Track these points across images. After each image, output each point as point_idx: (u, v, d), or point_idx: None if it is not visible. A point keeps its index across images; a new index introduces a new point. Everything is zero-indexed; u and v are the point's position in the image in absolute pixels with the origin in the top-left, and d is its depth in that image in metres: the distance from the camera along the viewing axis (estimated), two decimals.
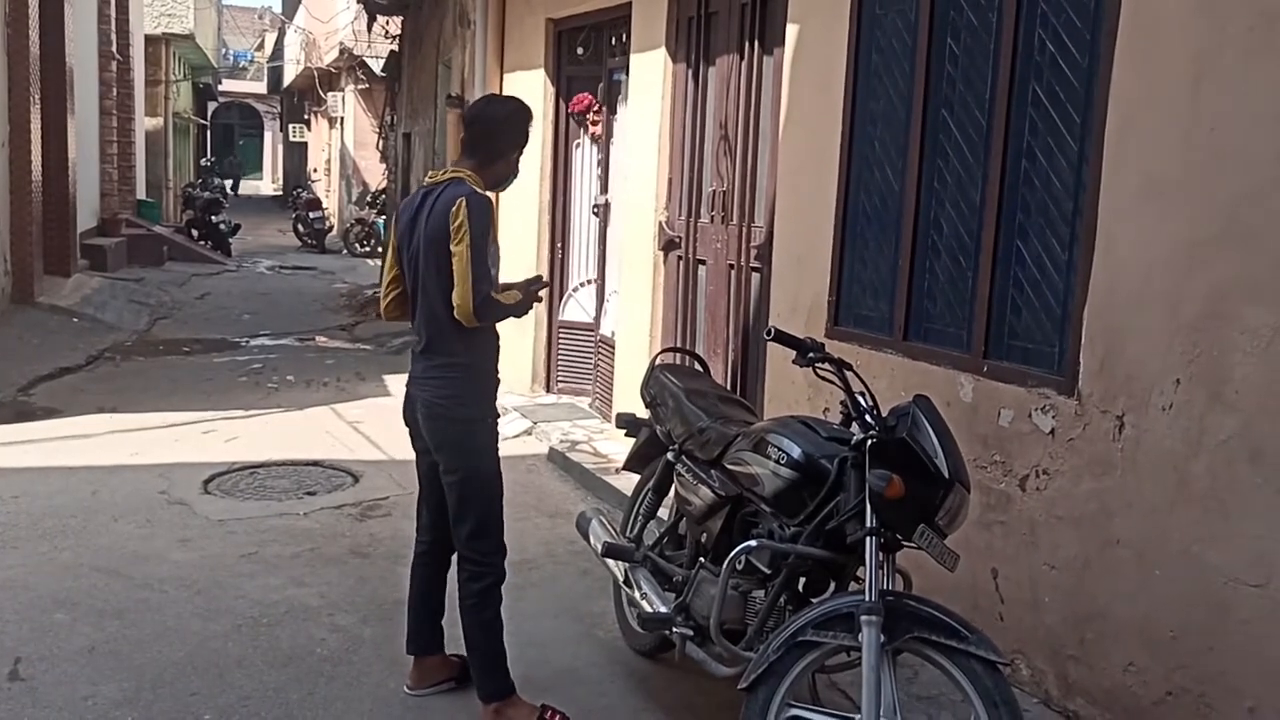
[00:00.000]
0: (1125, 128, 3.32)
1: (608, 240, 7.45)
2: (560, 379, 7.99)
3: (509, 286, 3.59)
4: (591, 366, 7.67)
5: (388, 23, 15.27)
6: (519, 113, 3.56)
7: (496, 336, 3.56)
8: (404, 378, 3.67)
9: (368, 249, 20.26)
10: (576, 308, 7.88)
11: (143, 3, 19.52)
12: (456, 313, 3.30)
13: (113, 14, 15.99)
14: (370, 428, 7.18)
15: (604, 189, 7.47)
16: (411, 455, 3.70)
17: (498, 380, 3.59)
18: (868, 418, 3.00)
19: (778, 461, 3.17)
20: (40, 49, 10.87)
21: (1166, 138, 3.20)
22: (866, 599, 2.78)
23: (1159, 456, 3.24)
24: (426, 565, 3.72)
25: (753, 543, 3.18)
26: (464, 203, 3.28)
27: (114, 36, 16.17)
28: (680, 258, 6.07)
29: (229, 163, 39.40)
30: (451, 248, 3.27)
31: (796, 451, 3.15)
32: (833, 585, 3.26)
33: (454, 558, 3.69)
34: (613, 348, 7.05)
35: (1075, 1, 3.56)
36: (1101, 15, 3.44)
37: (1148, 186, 3.26)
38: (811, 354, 3.07)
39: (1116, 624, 3.39)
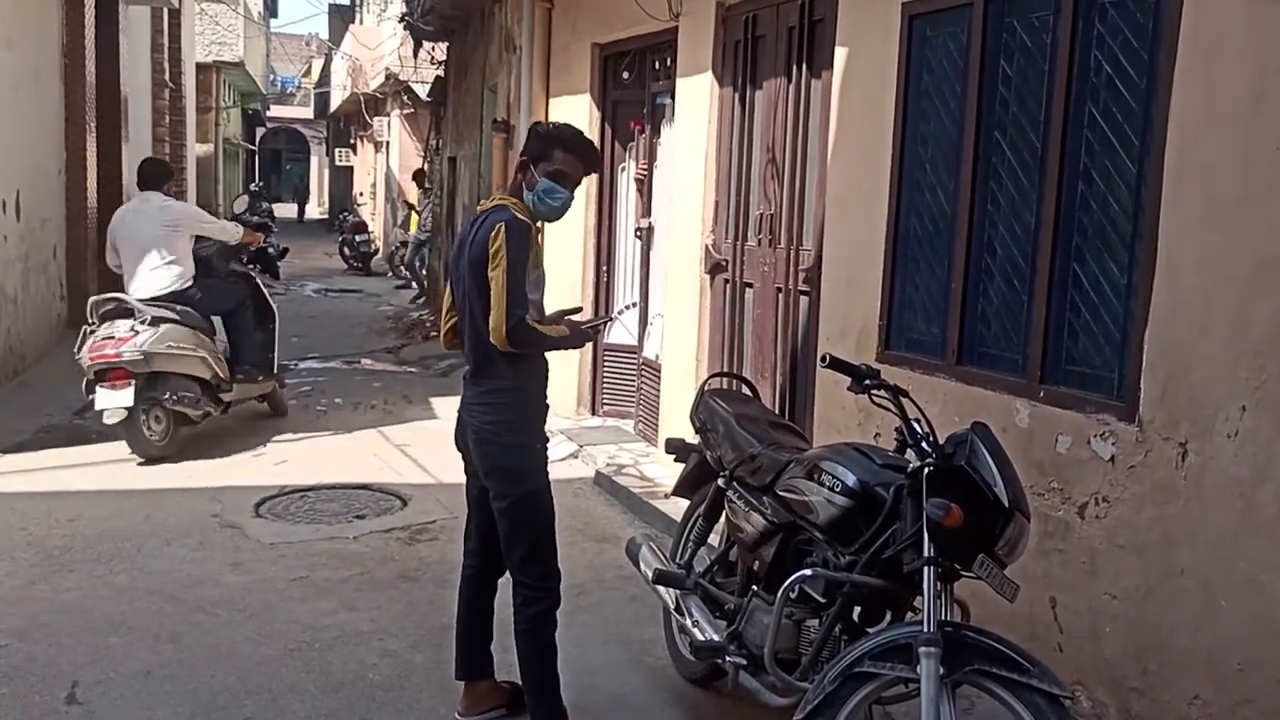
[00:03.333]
0: (1186, 149, 3.26)
1: (650, 263, 7.45)
2: (605, 402, 7.99)
3: (567, 315, 3.60)
4: (635, 389, 7.66)
5: (433, 48, 15.43)
6: (536, 128, 3.57)
7: (545, 362, 3.56)
8: (450, 400, 3.70)
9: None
10: (621, 331, 7.88)
11: (195, 32, 19.89)
12: (491, 336, 3.32)
13: (166, 43, 16.29)
14: (417, 451, 7.20)
15: (647, 212, 7.48)
16: (458, 479, 3.71)
17: (547, 406, 3.59)
18: (924, 445, 2.96)
19: (832, 489, 3.14)
20: (96, 78, 11.09)
21: (1229, 158, 3.15)
22: (925, 630, 2.73)
23: (1224, 484, 3.16)
24: (473, 589, 3.72)
25: (807, 571, 3.15)
26: (502, 228, 3.30)
27: (167, 65, 16.47)
28: (727, 281, 6.05)
29: (295, 188, 39.28)
30: (489, 272, 3.30)
31: (851, 479, 3.11)
32: (889, 615, 3.21)
33: (501, 582, 3.70)
34: (657, 371, 7.04)
35: (1132, 22, 3.52)
36: (1160, 35, 3.39)
37: (1210, 208, 3.20)
38: (867, 380, 3.04)
39: (1180, 655, 3.31)
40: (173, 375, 6.78)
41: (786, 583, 3.16)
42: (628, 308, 7.82)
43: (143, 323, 6.68)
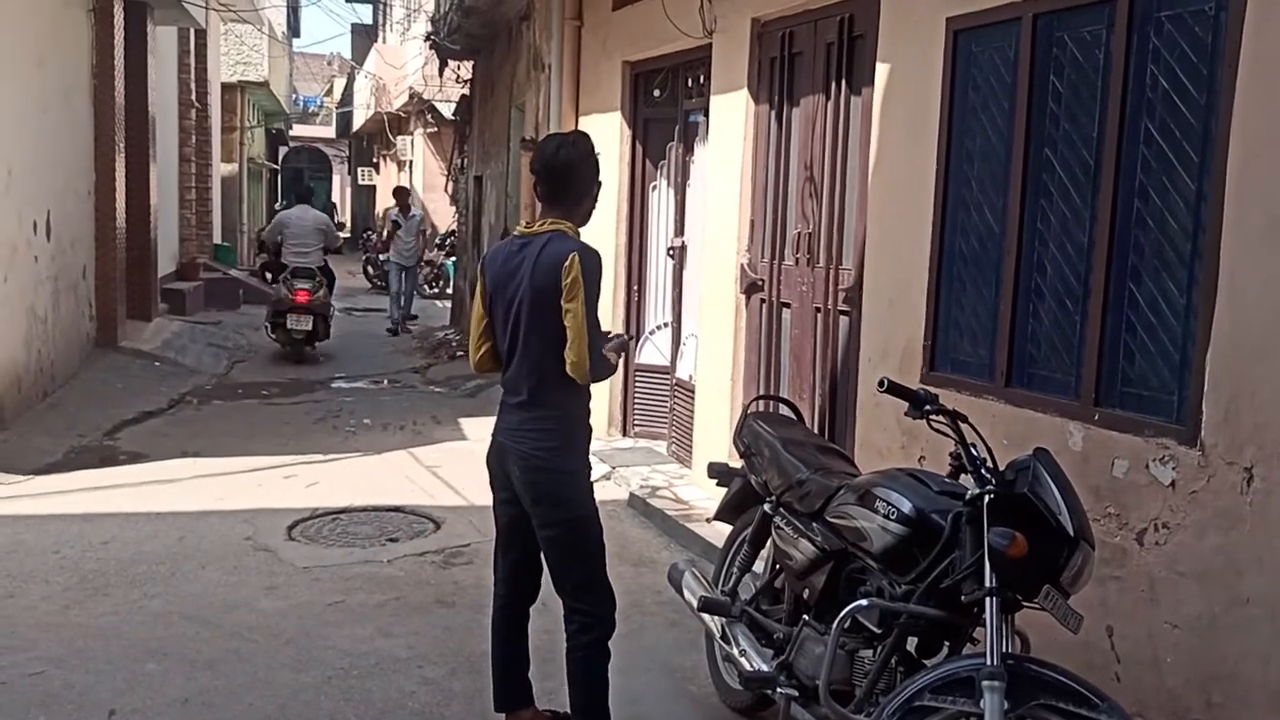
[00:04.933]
0: (1249, 165, 3.18)
1: (684, 283, 7.39)
2: (637, 422, 7.92)
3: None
4: (668, 410, 7.58)
5: (459, 67, 15.46)
6: (590, 149, 3.51)
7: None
8: (479, 421, 3.63)
9: (437, 290, 20.41)
10: (653, 351, 7.82)
11: (220, 52, 20.02)
12: (571, 370, 3.26)
13: (192, 63, 16.41)
14: (449, 472, 7.16)
15: (679, 231, 7.42)
16: (491, 502, 3.63)
17: (590, 429, 3.53)
18: (983, 471, 2.89)
19: (887, 516, 3.06)
20: (125, 99, 11.15)
21: None
22: (988, 662, 2.66)
23: None
24: (507, 619, 3.64)
25: (864, 602, 3.07)
26: (577, 259, 3.23)
27: (193, 85, 16.59)
28: (763, 301, 5.98)
29: (324, 206, 39.12)
30: (564, 304, 3.23)
31: (907, 506, 3.04)
32: (946, 646, 3.13)
33: (535, 608, 3.65)
34: (690, 391, 6.97)
35: (1190, 36, 3.44)
36: (1220, 50, 3.31)
37: (1274, 226, 3.11)
38: (927, 406, 2.96)
39: (1247, 687, 3.20)
40: (321, 314, 11.90)
41: (842, 613, 3.08)
42: (659, 328, 7.76)
43: (317, 283, 11.87)
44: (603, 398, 7.82)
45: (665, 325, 7.68)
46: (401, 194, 16.56)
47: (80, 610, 4.70)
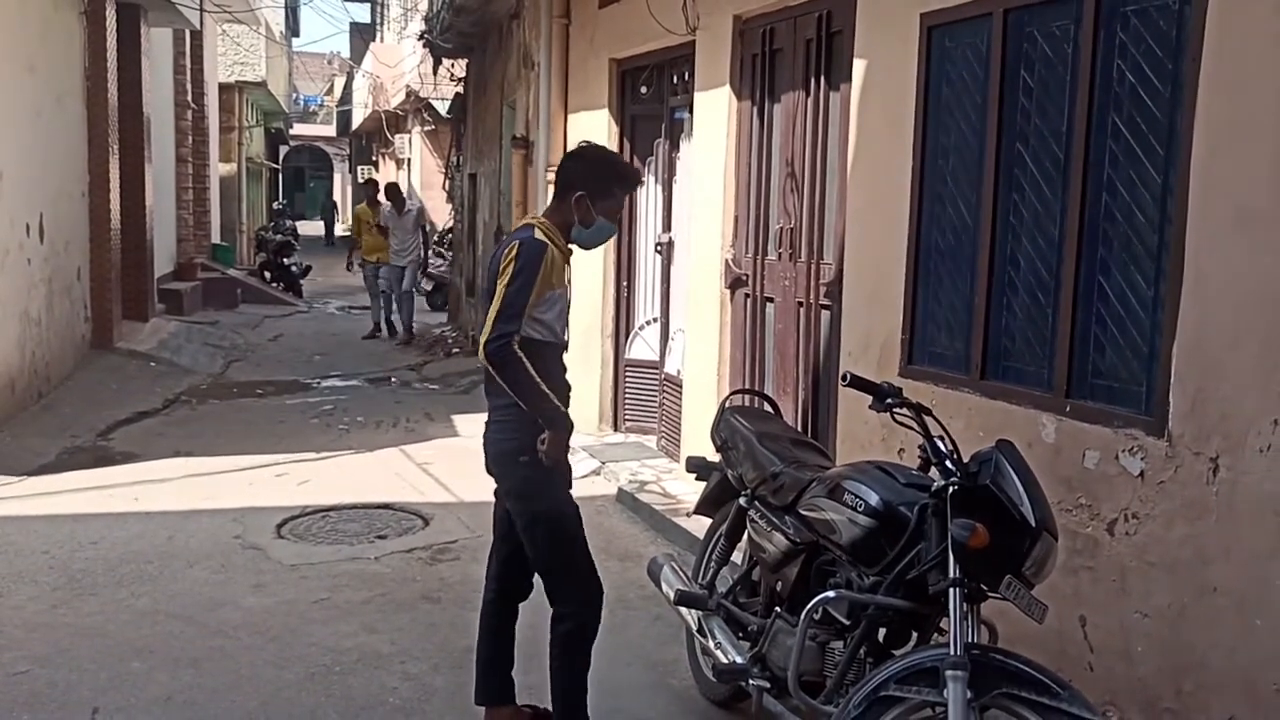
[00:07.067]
0: (1213, 158, 3.20)
1: (671, 278, 7.42)
2: (627, 418, 7.95)
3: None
4: (658, 405, 7.61)
5: (453, 65, 15.48)
6: (587, 154, 3.55)
7: (558, 379, 3.47)
8: (472, 418, 3.68)
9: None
10: (643, 346, 7.84)
11: (217, 52, 20.04)
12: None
13: (188, 64, 16.43)
14: (439, 469, 7.19)
15: (666, 227, 7.45)
16: (480, 497, 3.69)
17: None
18: (948, 464, 2.91)
19: (855, 509, 3.09)
20: (119, 100, 11.18)
21: (1258, 167, 3.08)
22: (951, 652, 2.68)
23: (1257, 500, 3.09)
24: (494, 614, 3.68)
25: (831, 593, 3.10)
26: (518, 245, 3.31)
27: (189, 86, 16.61)
28: (747, 295, 6.01)
29: (322, 206, 39.23)
30: (498, 286, 3.28)
31: (874, 499, 3.06)
32: (914, 637, 3.16)
33: (522, 605, 3.67)
34: (678, 386, 7.00)
35: (1155, 30, 3.46)
36: (1184, 43, 3.33)
37: (1239, 219, 3.13)
38: (889, 399, 2.99)
39: (1216, 675, 3.23)
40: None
41: (810, 605, 3.11)
42: (648, 323, 7.78)
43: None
44: (594, 393, 7.87)
45: (654, 320, 7.71)
46: (389, 188, 14.75)
47: (67, 610, 4.74)
